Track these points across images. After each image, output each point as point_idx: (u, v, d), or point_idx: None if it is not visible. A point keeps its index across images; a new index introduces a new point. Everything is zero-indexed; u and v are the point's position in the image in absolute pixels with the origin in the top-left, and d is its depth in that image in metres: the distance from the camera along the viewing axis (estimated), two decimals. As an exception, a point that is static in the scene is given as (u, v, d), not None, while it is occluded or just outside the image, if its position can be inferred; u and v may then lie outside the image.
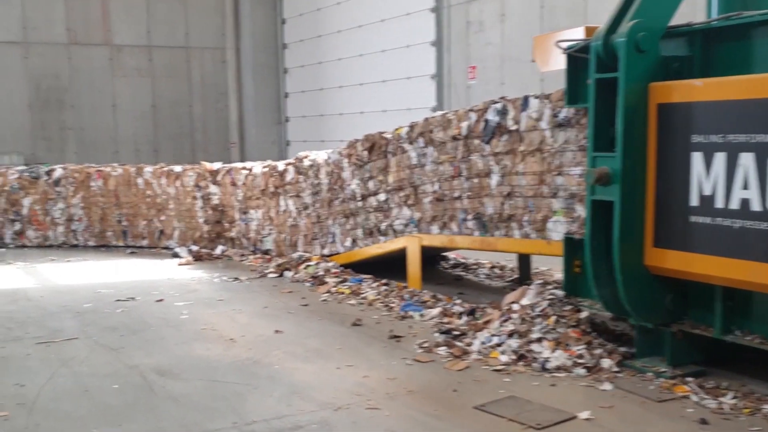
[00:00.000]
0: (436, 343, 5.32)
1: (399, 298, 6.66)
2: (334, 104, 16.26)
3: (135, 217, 10.18)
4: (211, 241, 9.69)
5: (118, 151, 16.83)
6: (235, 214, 9.50)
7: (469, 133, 6.37)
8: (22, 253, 9.96)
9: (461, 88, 13.38)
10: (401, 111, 14.14)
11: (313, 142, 16.55)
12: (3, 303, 6.86)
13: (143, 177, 10.06)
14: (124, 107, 16.90)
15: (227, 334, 5.69)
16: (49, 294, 7.25)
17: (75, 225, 10.32)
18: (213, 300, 6.92)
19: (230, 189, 9.46)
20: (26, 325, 6.04)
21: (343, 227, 8.08)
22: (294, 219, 8.77)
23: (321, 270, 7.86)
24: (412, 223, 7.15)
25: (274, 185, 8.91)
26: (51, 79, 16.18)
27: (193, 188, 9.71)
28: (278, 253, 9.01)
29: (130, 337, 5.63)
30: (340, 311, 6.44)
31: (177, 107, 17.39)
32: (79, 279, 8.07)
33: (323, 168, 8.26)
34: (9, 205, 10.25)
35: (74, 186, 10.24)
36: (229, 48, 17.76)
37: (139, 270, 8.61)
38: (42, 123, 16.15)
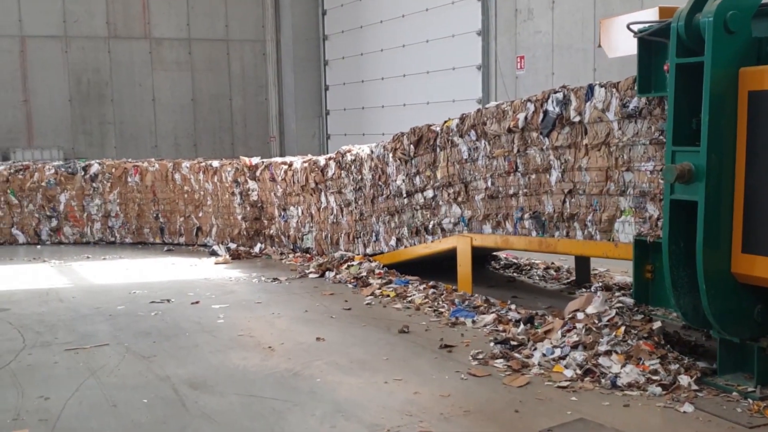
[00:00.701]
0: (492, 355, 4.86)
1: (449, 303, 6.20)
2: (375, 96, 15.84)
3: (172, 214, 9.90)
4: (249, 238, 9.35)
5: (157, 146, 16.66)
6: (274, 210, 9.14)
7: (526, 125, 5.88)
8: (59, 250, 9.75)
9: (509, 79, 12.84)
10: (445, 103, 13.67)
11: (354, 136, 16.17)
12: (35, 304, 6.59)
13: (180, 172, 9.77)
14: (163, 101, 16.71)
15: (265, 341, 5.30)
16: (82, 295, 6.96)
17: (112, 221, 10.08)
18: (251, 302, 6.56)
19: (269, 185, 9.10)
20: (56, 328, 5.74)
21: (387, 225, 7.65)
22: (335, 216, 8.37)
23: (364, 270, 7.45)
24: (462, 222, 6.68)
25: (314, 181, 8.52)
26: (91, 73, 16.06)
27: (231, 184, 9.38)
28: (319, 251, 8.62)
29: (163, 344, 5.28)
30: (385, 316, 6.01)
31: (216, 101, 17.15)
32: (113, 278, 7.79)
33: (366, 163, 7.83)
34: (46, 201, 10.05)
35: (111, 182, 10.00)
36: (269, 40, 17.45)
37: (175, 269, 8.30)
38: (82, 117, 16.05)
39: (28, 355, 5.04)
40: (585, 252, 5.72)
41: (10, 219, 10.06)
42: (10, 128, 15.37)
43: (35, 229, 10.10)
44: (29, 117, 15.52)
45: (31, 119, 15.53)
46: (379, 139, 14.38)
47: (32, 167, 10.07)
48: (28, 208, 10.04)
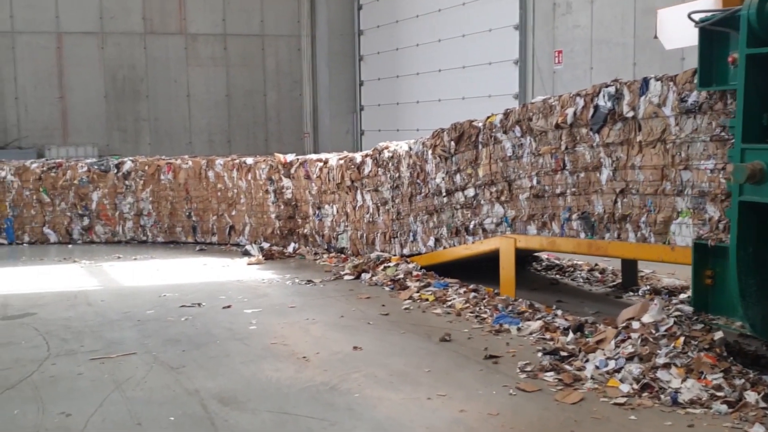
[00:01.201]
0: (542, 367, 4.53)
1: (491, 308, 5.88)
2: (410, 92, 15.54)
3: (205, 212, 9.72)
4: (283, 237, 9.12)
5: (191, 142, 16.56)
6: (308, 209, 8.89)
7: (575, 121, 5.52)
8: (90, 249, 9.64)
9: (546, 74, 12.43)
10: (482, 98, 13.33)
11: (388, 132, 15.91)
12: (62, 308, 6.43)
13: (214, 170, 9.58)
14: (198, 97, 16.61)
15: (300, 350, 5.04)
16: (111, 298, 6.79)
17: (144, 220, 9.94)
18: (284, 307, 6.31)
19: (304, 182, 8.85)
20: (82, 335, 5.55)
21: (425, 225, 7.35)
22: (371, 215, 8.09)
23: (401, 272, 7.16)
24: (506, 222, 6.35)
25: (350, 178, 8.24)
26: (127, 69, 16.01)
27: (265, 181, 9.15)
28: (354, 251, 8.36)
29: (192, 353, 5.05)
30: (425, 322, 5.71)
31: (251, 96, 17.00)
32: (144, 280, 7.61)
33: (404, 160, 7.53)
34: (78, 200, 9.94)
35: (144, 179, 9.86)
36: (304, 35, 17.24)
37: (207, 270, 8.10)
38: (117, 114, 16.01)
39: (52, 365, 4.85)
40: (638, 255, 5.34)
41: (42, 218, 9.97)
42: (46, 125, 15.39)
43: (67, 228, 10.00)
44: (65, 114, 15.53)
45: (66, 116, 15.54)
46: (413, 135, 14.10)
47: (65, 165, 9.97)
48: (60, 206, 9.94)
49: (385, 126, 16.25)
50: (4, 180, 9.85)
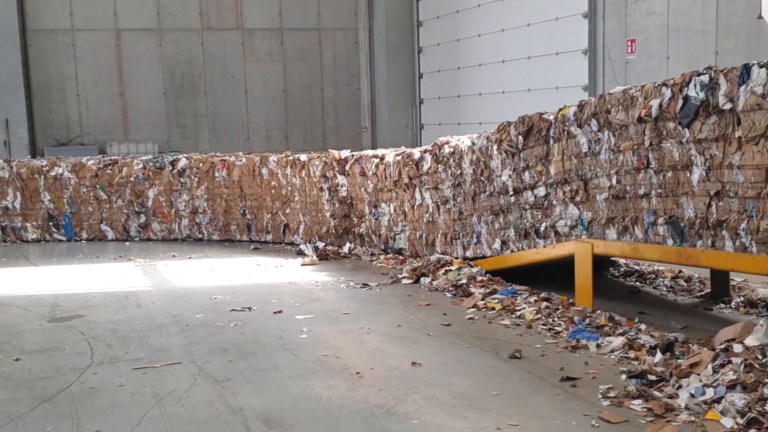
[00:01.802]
0: (627, 392, 3.99)
1: (566, 320, 5.34)
2: (472, 84, 14.98)
3: (259, 210, 9.43)
4: (338, 237, 8.74)
5: (249, 138, 16.39)
6: (364, 207, 8.48)
7: (660, 114, 4.94)
8: (146, 247, 9.45)
9: (618, 64, 11.71)
10: (548, 90, 12.68)
11: (449, 125, 15.39)
12: (111, 310, 6.17)
13: (268, 167, 9.26)
14: (255, 92, 16.41)
15: (353, 364, 4.63)
16: (162, 300, 6.51)
17: (199, 218, 9.71)
18: (338, 313, 5.91)
19: (359, 180, 8.44)
20: (128, 341, 5.26)
21: (490, 226, 6.84)
22: (431, 214, 7.63)
23: (464, 277, 6.68)
24: (581, 225, 5.80)
25: (408, 175, 7.79)
26: (185, 66, 15.92)
27: (319, 179, 8.79)
28: (412, 252, 7.91)
29: (239, 364, 4.69)
30: (491, 335, 5.22)
31: (308, 91, 16.71)
32: (196, 281, 7.33)
33: (467, 156, 7.04)
34: (134, 197, 9.78)
35: (198, 177, 9.62)
36: (361, 28, 16.85)
37: (259, 270, 7.78)
38: (176, 110, 15.94)
39: (93, 375, 4.56)
40: (737, 267, 4.72)
41: (99, 214, 9.85)
42: (107, 121, 15.42)
43: (124, 225, 9.86)
44: (125, 110, 15.54)
45: (126, 112, 15.55)
46: (475, 129, 13.56)
47: (120, 162, 9.82)
48: (116, 203, 9.80)
49: (446, 119, 15.74)
50: (61, 177, 9.76)
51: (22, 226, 9.82)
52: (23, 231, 9.84)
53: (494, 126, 6.68)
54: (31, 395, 4.23)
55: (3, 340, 5.37)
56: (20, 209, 9.79)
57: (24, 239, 9.85)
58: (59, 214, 9.83)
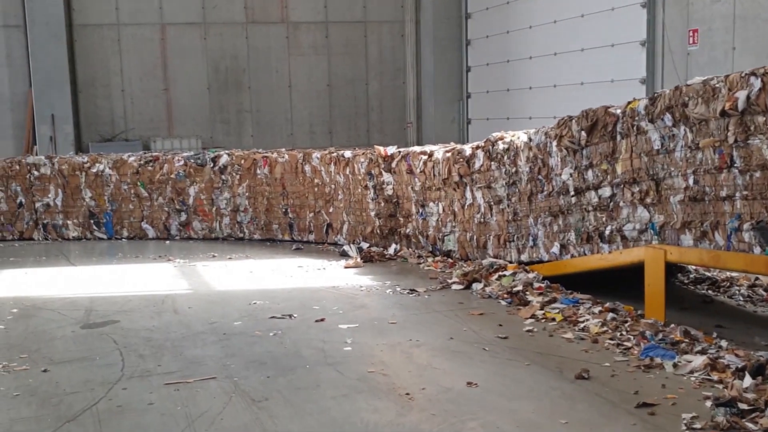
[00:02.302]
0: (715, 424, 3.49)
1: (636, 335, 4.84)
2: (522, 77, 14.41)
3: (302, 209, 9.08)
4: (383, 237, 8.33)
5: (293, 134, 16.10)
6: (411, 207, 8.05)
7: (747, 107, 4.41)
8: (187, 246, 9.19)
9: (679, 56, 11.04)
10: (603, 83, 12.07)
11: (498, 120, 14.86)
12: (147, 315, 5.88)
13: (311, 163, 8.90)
14: (299, 87, 16.10)
15: (402, 383, 4.22)
16: (199, 305, 6.20)
17: (240, 216, 9.41)
18: (384, 322, 5.50)
19: (406, 177, 8.02)
20: (162, 351, 4.94)
21: (548, 228, 6.36)
22: (483, 215, 7.16)
23: (520, 283, 6.21)
24: (652, 229, 5.28)
25: (458, 173, 7.34)
26: (229, 60, 15.69)
27: (364, 176, 8.39)
28: (462, 255, 7.46)
29: (277, 381, 4.32)
30: (553, 350, 4.76)
31: (352, 86, 16.33)
32: (235, 283, 7.01)
33: (522, 153, 6.56)
34: (175, 194, 9.53)
35: (240, 174, 9.31)
36: (408, 21, 16.39)
37: (301, 273, 7.41)
38: (220, 106, 15.73)
39: (122, 390, 4.24)
40: (839, 279, 4.18)
41: (140, 212, 9.62)
42: (152, 117, 15.28)
43: (164, 224, 9.61)
44: (169, 106, 15.38)
45: (171, 108, 15.40)
46: (525, 124, 13.03)
47: (161, 158, 9.58)
48: (157, 201, 9.56)
49: (494, 114, 15.20)
50: (102, 173, 9.56)
51: (63, 223, 9.66)
52: (64, 229, 9.67)
53: (545, 121, 6.20)
54: (55, 413, 3.93)
55: (33, 347, 5.11)
56: (61, 206, 9.63)
57: (65, 237, 9.68)
58: (100, 212, 9.63)
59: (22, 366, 4.72)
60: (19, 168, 9.56)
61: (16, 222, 9.67)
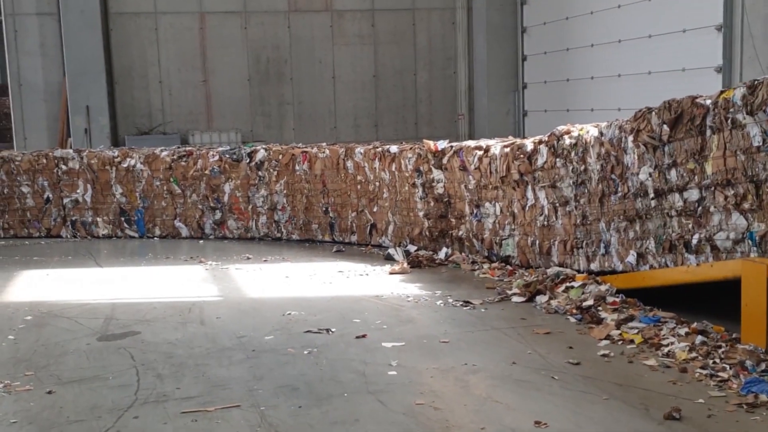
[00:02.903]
0: None
1: (735, 364, 4.07)
2: (583, 66, 13.53)
3: (343, 208, 8.44)
4: (432, 240, 7.64)
5: (336, 127, 15.49)
6: (464, 207, 7.35)
7: None
8: (221, 246, 8.64)
9: (761, 41, 10.06)
10: (673, 73, 11.14)
11: (556, 112, 14.02)
12: (170, 327, 5.31)
13: (353, 159, 8.26)
14: (344, 78, 15.47)
15: (457, 420, 3.54)
16: (229, 314, 5.61)
17: (278, 215, 8.82)
18: (434, 341, 4.83)
19: (459, 174, 7.31)
20: (183, 370, 4.36)
21: (623, 235, 5.60)
22: (546, 217, 6.43)
23: (590, 296, 5.47)
24: (750, 240, 4.49)
25: (519, 170, 6.61)
26: (270, 50, 15.14)
27: (412, 173, 7.71)
28: (522, 261, 6.74)
29: (310, 412, 3.69)
30: (635, 381, 4.02)
31: (400, 76, 15.64)
32: (269, 290, 6.41)
33: (593, 148, 5.81)
34: (209, 192, 8.98)
35: (278, 170, 8.72)
36: (459, 7, 15.62)
37: (341, 279, 6.78)
38: (261, 97, 15.19)
39: (133, 420, 3.66)
40: None
41: (173, 210, 9.12)
42: (191, 110, 14.82)
43: (198, 222, 9.09)
44: (208, 98, 14.91)
45: (210, 100, 14.92)
46: (586, 116, 12.16)
47: (195, 153, 9.05)
48: (191, 198, 9.04)
49: (552, 105, 14.35)
50: (133, 168, 9.07)
51: (92, 221, 9.21)
52: (94, 226, 9.23)
53: (608, 114, 5.47)
54: (49, 450, 3.37)
55: (42, 363, 4.58)
56: (91, 203, 9.17)
57: (95, 235, 9.24)
58: (131, 209, 9.16)
59: (25, 385, 4.19)
60: (47, 162, 9.13)
61: (43, 218, 9.26)
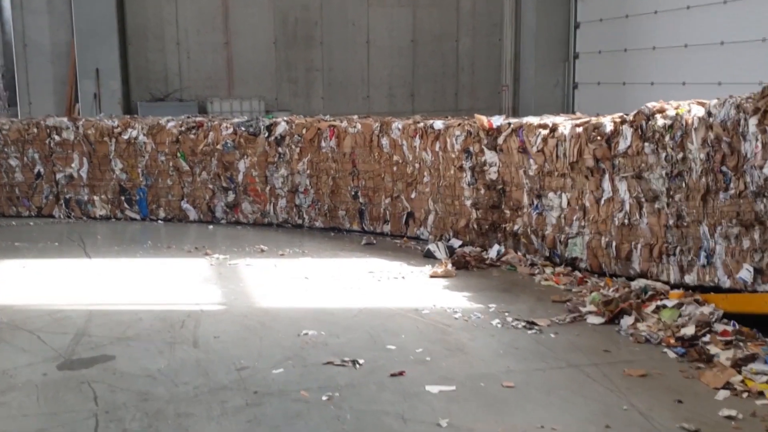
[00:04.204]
0: None
1: None
2: (644, 35, 12.08)
3: (376, 193, 7.22)
4: (480, 234, 6.41)
5: (369, 96, 14.21)
6: (522, 196, 6.09)
7: None
8: (232, 234, 7.48)
9: None
10: (751, 43, 9.71)
11: (611, 85, 12.67)
12: (154, 349, 4.17)
13: (389, 136, 7.01)
14: (379, 43, 14.14)
15: None
16: (230, 332, 4.46)
17: (299, 198, 7.63)
18: (495, 384, 3.62)
19: (517, 158, 6.04)
20: (157, 423, 3.21)
21: (734, 243, 4.32)
22: (628, 215, 5.16)
23: (690, 321, 4.23)
24: None
25: (594, 155, 5.33)
26: (299, 11, 13.84)
27: (459, 154, 6.45)
28: (593, 266, 5.50)
29: None
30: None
31: (440, 42, 14.27)
32: (283, 296, 5.24)
33: (696, 132, 4.52)
34: (222, 169, 7.80)
35: (300, 146, 7.50)
36: (506, -32, 14.21)
37: (372, 283, 5.58)
38: (287, 63, 13.94)
39: None
40: None
41: (179, 189, 7.96)
42: (210, 75, 13.60)
43: (208, 204, 7.93)
44: (230, 62, 13.69)
45: (231, 65, 13.71)
46: (646, 90, 10.75)
47: (206, 125, 7.86)
48: (200, 176, 7.87)
49: (607, 78, 12.95)
50: (135, 141, 7.92)
51: (89, 199, 8.10)
52: (90, 205, 8.12)
53: (672, 88, 4.35)
54: None
55: (-25, 404, 3.48)
56: (87, 179, 8.05)
57: (91, 215, 8.13)
58: (133, 187, 8.02)
59: (-58, 443, 3.09)
60: (38, 131, 8.00)
61: (34, 196, 8.16)
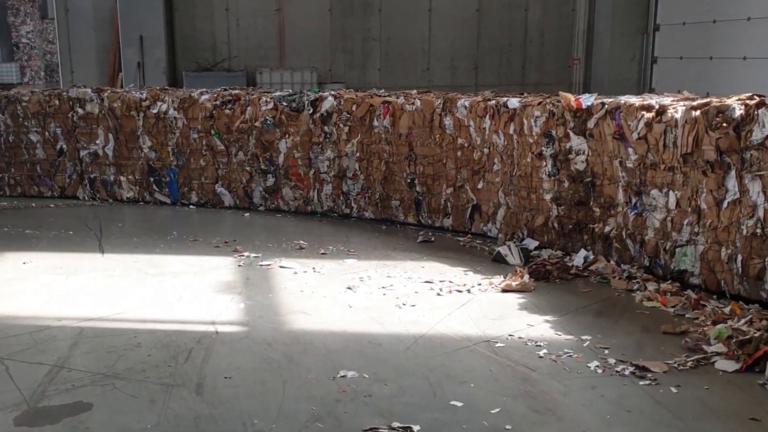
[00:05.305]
0: None
1: None
2: (736, 5, 10.64)
3: (436, 181, 6.16)
4: (562, 235, 5.31)
5: (429, 68, 13.08)
6: (616, 192, 4.95)
7: None
8: (271, 224, 6.54)
9: None
10: None
11: (695, 60, 11.28)
12: (144, 396, 3.24)
13: (453, 115, 5.92)
14: (441, 11, 12.98)
15: None
16: (247, 371, 3.50)
17: (347, 185, 6.62)
18: (605, 479, 2.58)
19: (612, 145, 4.90)
20: None
21: None
22: (761, 223, 4.00)
23: None
24: None
25: (716, 146, 4.17)
26: (356, -24, 12.81)
27: (538, 138, 5.34)
28: (710, 283, 4.36)
29: None
30: None
31: (508, 11, 13.00)
32: (320, 314, 4.26)
33: None
34: (261, 150, 6.85)
35: (350, 125, 6.48)
36: (583, -72, 12.83)
37: (428, 297, 4.54)
38: (343, 31, 12.91)
39: None
40: None
41: (213, 171, 7.06)
42: (260, 43, 12.68)
43: (245, 189, 7.00)
44: (281, 30, 12.73)
45: (283, 33, 12.74)
46: (737, 65, 9.41)
47: (244, 99, 6.91)
48: (237, 157, 6.94)
49: (691, 52, 11.55)
50: (165, 116, 7.03)
51: (115, 180, 7.27)
52: (116, 186, 7.29)
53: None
54: None
55: None
56: (113, 157, 7.21)
57: (117, 197, 7.30)
58: (162, 168, 7.15)
59: None
60: (59, 104, 7.18)
61: (56, 174, 7.37)
